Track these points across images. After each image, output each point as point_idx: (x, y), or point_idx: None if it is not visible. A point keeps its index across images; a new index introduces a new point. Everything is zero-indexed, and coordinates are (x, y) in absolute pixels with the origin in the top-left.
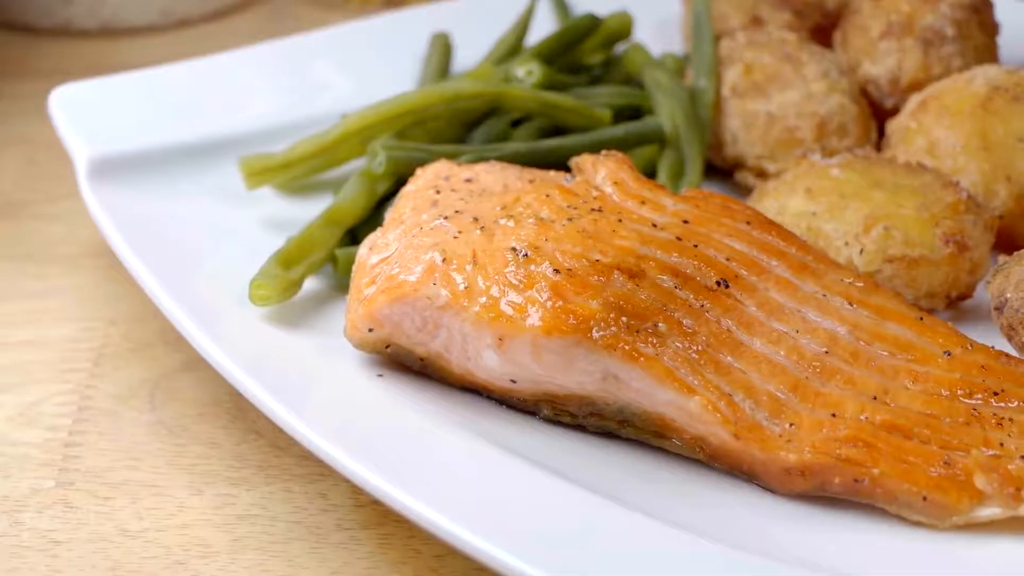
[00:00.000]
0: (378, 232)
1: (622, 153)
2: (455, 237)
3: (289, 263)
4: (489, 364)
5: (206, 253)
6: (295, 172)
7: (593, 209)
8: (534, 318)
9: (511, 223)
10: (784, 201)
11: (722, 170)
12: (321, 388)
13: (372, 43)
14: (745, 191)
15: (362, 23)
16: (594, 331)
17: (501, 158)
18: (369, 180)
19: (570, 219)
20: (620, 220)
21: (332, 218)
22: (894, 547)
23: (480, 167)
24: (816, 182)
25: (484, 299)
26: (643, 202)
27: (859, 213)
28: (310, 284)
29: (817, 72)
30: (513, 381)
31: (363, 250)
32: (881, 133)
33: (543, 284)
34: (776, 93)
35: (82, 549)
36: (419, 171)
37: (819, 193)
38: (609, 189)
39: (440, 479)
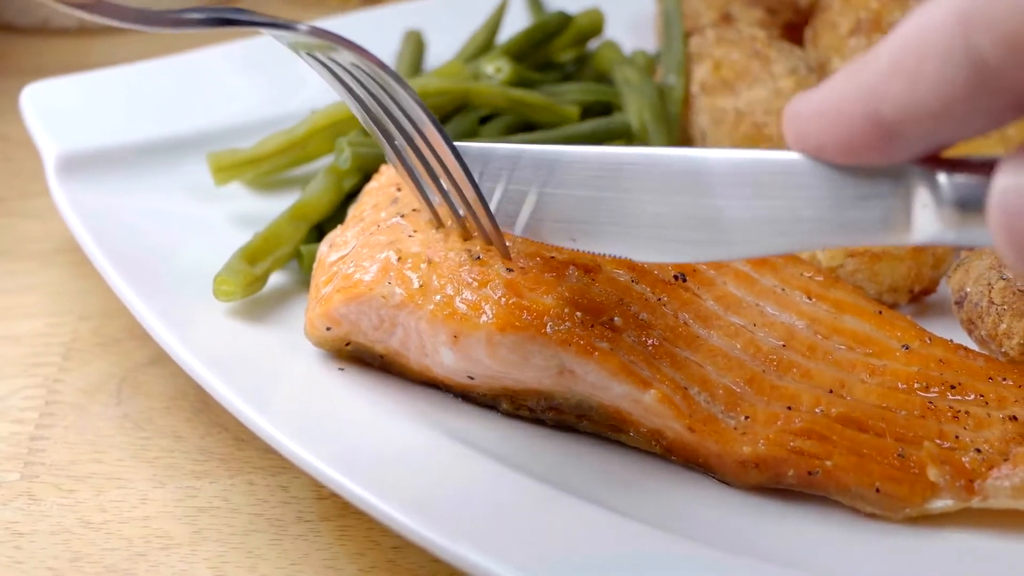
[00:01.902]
0: (338, 229)
1: None
2: (410, 236)
3: (254, 258)
4: (446, 361)
5: (174, 249)
6: (264, 168)
7: None
8: (488, 315)
9: None
10: None
11: None
12: (283, 383)
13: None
14: None
15: (336, 20)
16: (548, 326)
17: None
18: (336, 176)
19: None
20: None
21: (298, 214)
22: (847, 539)
23: None
24: None
25: (439, 297)
26: None
27: None
28: (276, 279)
29: (785, 69)
30: (471, 377)
31: (323, 247)
32: None
33: (497, 281)
34: (744, 90)
35: (44, 541)
36: (383, 168)
37: None
38: None
39: (398, 473)
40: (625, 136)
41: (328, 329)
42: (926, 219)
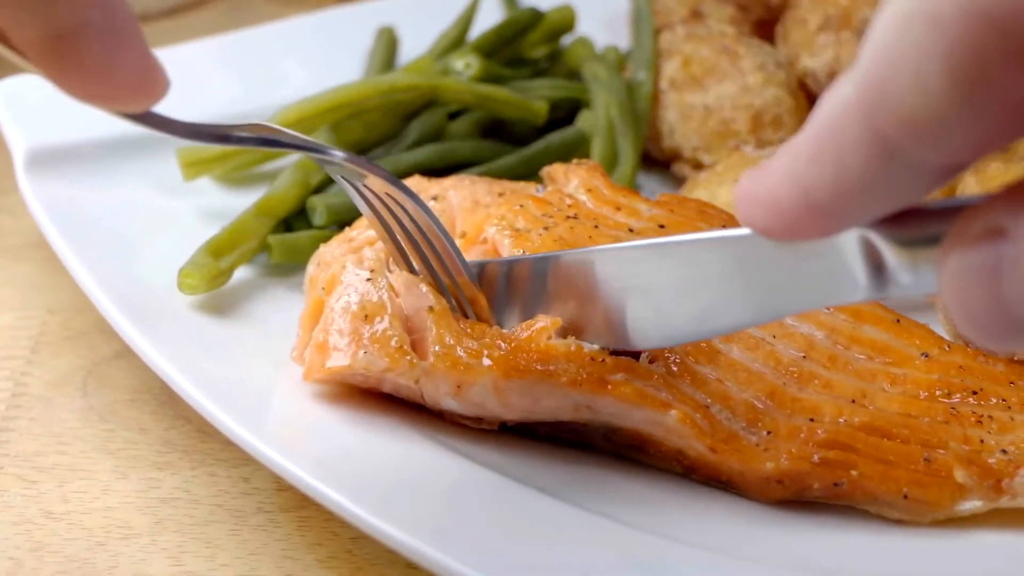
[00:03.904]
0: (322, 247)
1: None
2: (371, 279)
3: (219, 252)
4: (449, 407)
5: (143, 243)
6: (232, 163)
7: (569, 217)
8: (489, 362)
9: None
10: (714, 191)
11: (660, 162)
12: (245, 377)
13: (324, 37)
14: (682, 182)
15: (313, 17)
16: (555, 366)
17: (406, 170)
18: (303, 171)
19: (546, 228)
20: (596, 226)
21: (264, 208)
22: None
23: (448, 183)
24: None
25: (438, 348)
26: (618, 208)
27: None
28: (244, 273)
29: (753, 65)
30: (480, 419)
31: (310, 267)
32: None
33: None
34: (713, 86)
35: (7, 531)
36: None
37: None
38: (583, 197)
39: (358, 467)
40: (584, 144)
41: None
42: (873, 272)
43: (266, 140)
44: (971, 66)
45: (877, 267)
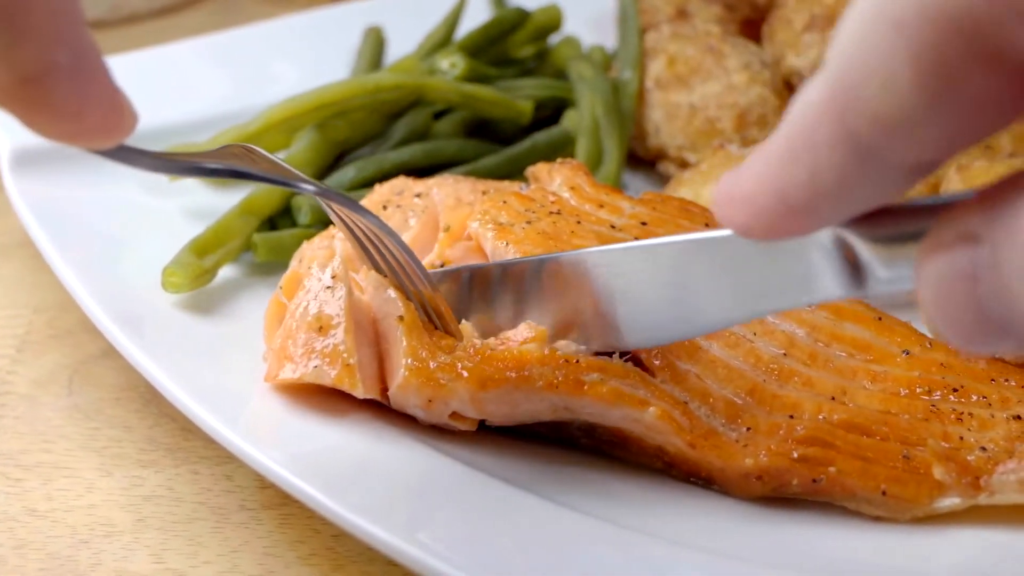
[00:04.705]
0: (305, 244)
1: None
2: (335, 293)
3: (203, 251)
4: (415, 415)
5: (128, 242)
6: None
7: (551, 212)
8: (464, 373)
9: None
10: (698, 190)
11: (646, 160)
12: (228, 376)
13: (312, 36)
14: (667, 181)
15: (303, 17)
16: (530, 370)
17: (391, 169)
18: None
19: (529, 222)
20: (579, 222)
21: (248, 208)
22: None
23: (432, 181)
24: None
25: (410, 360)
26: (601, 205)
27: None
28: (229, 272)
29: (738, 64)
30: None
31: (293, 262)
32: None
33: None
34: (698, 85)
35: None
36: (377, 186)
37: None
38: (566, 194)
39: (338, 464)
40: (570, 144)
41: None
42: (850, 270)
43: (235, 172)
44: (936, 67)
45: (853, 265)
